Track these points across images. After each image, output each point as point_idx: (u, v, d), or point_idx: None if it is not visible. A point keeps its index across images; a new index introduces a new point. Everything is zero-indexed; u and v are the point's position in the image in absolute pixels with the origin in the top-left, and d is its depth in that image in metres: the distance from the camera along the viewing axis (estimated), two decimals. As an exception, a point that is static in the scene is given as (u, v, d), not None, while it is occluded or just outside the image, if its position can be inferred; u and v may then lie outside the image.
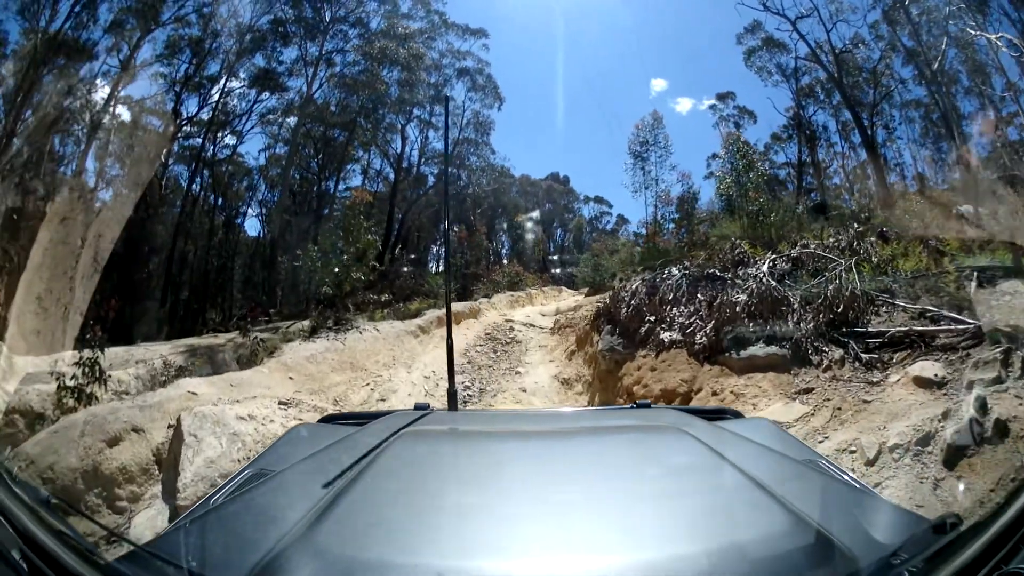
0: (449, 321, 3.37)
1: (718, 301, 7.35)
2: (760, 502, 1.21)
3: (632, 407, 2.59)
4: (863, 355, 5.99)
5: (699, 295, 7.84)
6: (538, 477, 1.49)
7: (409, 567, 1.01)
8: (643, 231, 20.20)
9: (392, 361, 10.43)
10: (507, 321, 14.07)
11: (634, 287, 8.76)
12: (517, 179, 26.99)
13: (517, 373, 9.75)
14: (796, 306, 6.80)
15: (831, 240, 9.53)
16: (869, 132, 18.22)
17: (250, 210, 21.54)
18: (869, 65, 18.08)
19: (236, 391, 6.80)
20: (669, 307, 7.98)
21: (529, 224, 26.62)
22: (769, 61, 19.56)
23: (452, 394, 2.87)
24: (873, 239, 9.54)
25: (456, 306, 14.38)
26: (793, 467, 1.59)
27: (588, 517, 1.22)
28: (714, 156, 19.78)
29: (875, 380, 5.49)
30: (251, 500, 1.41)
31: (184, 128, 18.56)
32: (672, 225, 17.47)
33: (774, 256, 8.66)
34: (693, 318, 7.46)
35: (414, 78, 20.00)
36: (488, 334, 12.40)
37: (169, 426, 5.48)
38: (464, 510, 1.29)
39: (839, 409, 5.07)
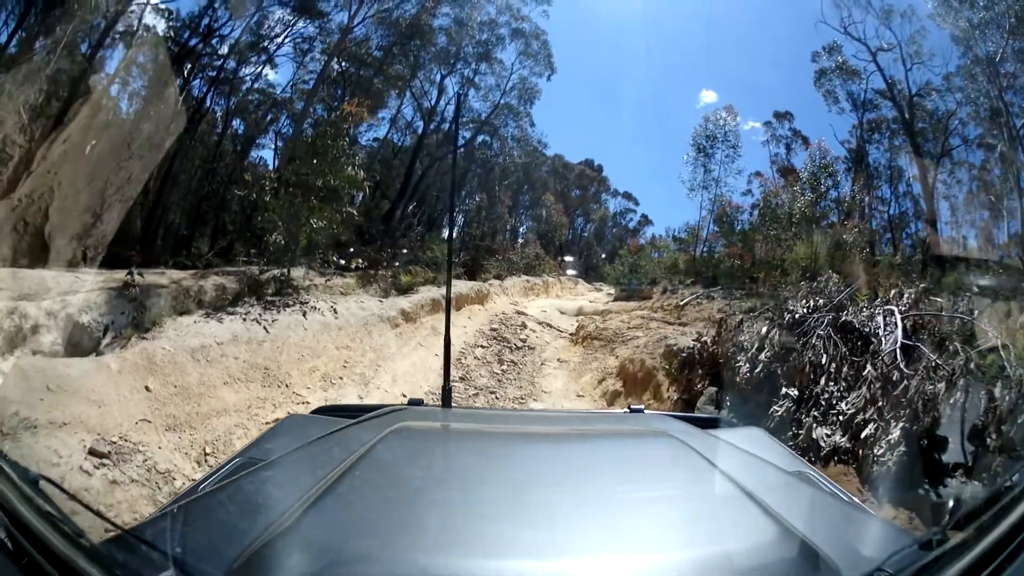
0: (448, 312, 2.89)
1: (909, 387, 4.19)
2: (748, 511, 1.13)
3: (626, 412, 2.47)
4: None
5: (868, 366, 4.63)
6: (528, 478, 1.40)
7: (394, 561, 0.94)
8: (683, 235, 16.84)
9: (340, 371, 6.53)
10: (519, 314, 11.20)
11: (763, 331, 5.46)
12: (550, 158, 23.83)
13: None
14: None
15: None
16: (931, 183, 15.41)
17: (268, 141, 18.59)
18: (940, 114, 15.16)
19: (49, 403, 3.92)
20: (821, 378, 4.80)
21: (554, 205, 23.52)
22: (839, 86, 16.55)
23: (447, 390, 2.54)
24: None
25: (461, 285, 11.56)
26: (783, 478, 1.45)
27: (575, 520, 1.13)
28: (757, 174, 16.61)
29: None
30: (239, 489, 1.29)
31: (212, 44, 15.57)
32: (737, 234, 13.86)
33: (891, 307, 5.60)
34: (871, 411, 4.24)
35: (467, 17, 16.88)
36: (495, 330, 9.47)
37: None
38: (451, 508, 1.19)
39: None
